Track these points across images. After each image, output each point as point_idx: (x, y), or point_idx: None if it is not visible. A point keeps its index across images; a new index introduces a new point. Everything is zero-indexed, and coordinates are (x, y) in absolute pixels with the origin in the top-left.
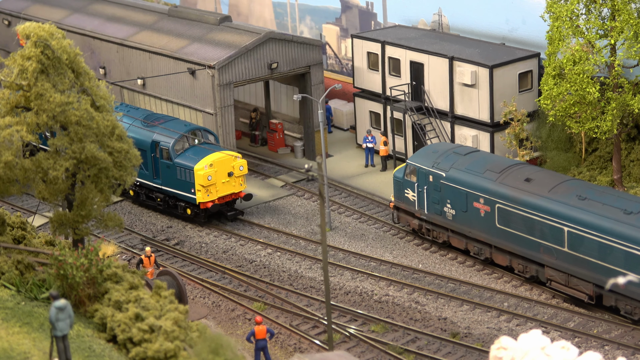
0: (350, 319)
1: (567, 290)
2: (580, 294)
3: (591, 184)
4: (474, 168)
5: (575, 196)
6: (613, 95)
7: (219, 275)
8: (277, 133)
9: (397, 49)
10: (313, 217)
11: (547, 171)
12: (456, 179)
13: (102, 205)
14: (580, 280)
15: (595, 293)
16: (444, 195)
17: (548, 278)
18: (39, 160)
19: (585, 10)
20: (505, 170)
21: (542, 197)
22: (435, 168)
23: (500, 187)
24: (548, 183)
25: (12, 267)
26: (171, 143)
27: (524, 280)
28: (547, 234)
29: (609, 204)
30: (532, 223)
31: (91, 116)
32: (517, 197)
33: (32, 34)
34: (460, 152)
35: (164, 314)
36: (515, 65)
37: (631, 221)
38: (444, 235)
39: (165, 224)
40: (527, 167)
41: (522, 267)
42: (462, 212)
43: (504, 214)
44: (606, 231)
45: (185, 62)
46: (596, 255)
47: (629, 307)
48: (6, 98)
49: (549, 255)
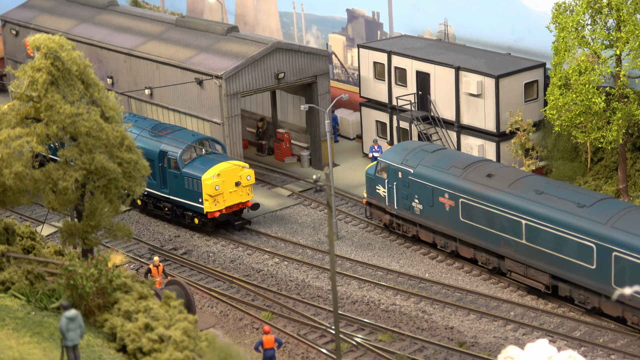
0: (357, 328)
1: (525, 280)
2: (537, 284)
3: (549, 179)
4: (440, 165)
5: (533, 190)
6: (619, 106)
7: (226, 285)
8: (284, 142)
9: (403, 59)
10: (320, 226)
11: (508, 167)
12: (423, 175)
13: (112, 215)
14: (537, 271)
15: (551, 283)
16: (412, 191)
17: (508, 269)
18: (49, 171)
19: (590, 21)
20: (468, 167)
21: (501, 192)
22: (404, 165)
23: (464, 182)
24: (508, 178)
25: (22, 277)
26: (179, 153)
27: (525, 288)
28: (507, 227)
29: (564, 198)
30: (492, 217)
31: (101, 127)
32: (478, 191)
33: (42, 46)
34: (428, 150)
35: (174, 323)
36: (521, 75)
37: (584, 214)
38: (412, 229)
39: (172, 234)
40: (489, 164)
41: (485, 260)
42: (429, 207)
43: (467, 208)
44: (560, 223)
45: (193, 72)
46: (552, 246)
47: (582, 297)
48: (16, 109)
49: (509, 247)
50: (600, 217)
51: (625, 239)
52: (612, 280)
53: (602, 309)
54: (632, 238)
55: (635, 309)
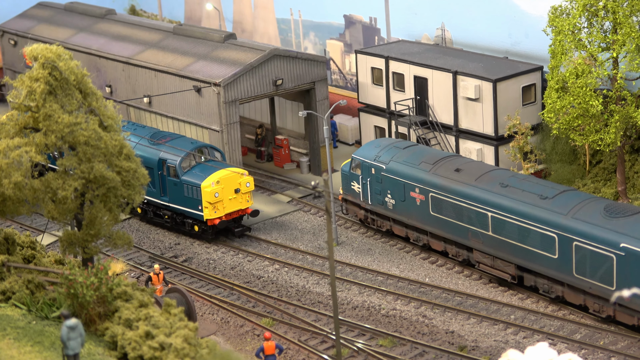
0: (358, 334)
1: (492, 271)
2: (504, 275)
3: (514, 173)
4: (411, 160)
5: (498, 184)
6: (616, 108)
7: (227, 292)
8: (283, 149)
9: (401, 64)
10: (320, 232)
11: (476, 162)
12: (395, 170)
13: (111, 224)
14: (503, 262)
15: (517, 274)
16: (384, 187)
17: (477, 261)
18: (48, 181)
19: (587, 24)
20: (438, 162)
21: (469, 186)
22: (377, 161)
23: (433, 177)
24: (475, 173)
25: (22, 286)
26: (178, 161)
27: (529, 293)
28: (474, 219)
29: (527, 190)
30: (460, 210)
31: (99, 136)
32: (447, 186)
33: (39, 56)
34: (399, 146)
35: (174, 331)
36: (518, 78)
37: (546, 205)
38: (386, 224)
39: (173, 241)
40: (458, 159)
41: (455, 252)
42: (401, 202)
43: (436, 202)
44: (524, 215)
45: (191, 80)
46: (516, 237)
47: (546, 286)
48: (15, 119)
49: (477, 239)
50: (561, 208)
51: (585, 228)
52: (574, 269)
53: (565, 297)
54: (591, 228)
55: (596, 297)
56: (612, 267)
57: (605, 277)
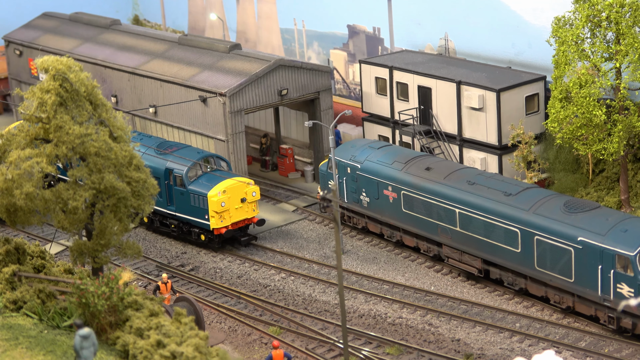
0: (364, 342)
1: (460, 265)
2: (471, 269)
3: (481, 171)
4: (384, 160)
5: (466, 182)
6: (619, 118)
7: (234, 300)
8: (288, 158)
9: (405, 74)
10: (325, 240)
11: (445, 161)
12: (369, 169)
13: (121, 234)
14: (470, 256)
15: (483, 267)
16: (360, 185)
17: (446, 256)
18: (59, 191)
19: (590, 35)
20: (410, 161)
21: (438, 183)
22: (352, 161)
23: (405, 175)
24: (444, 171)
25: (33, 296)
26: (184, 170)
27: (534, 301)
28: (443, 216)
29: (492, 188)
30: (430, 207)
31: (109, 147)
32: (417, 183)
33: (50, 68)
34: (374, 146)
35: (185, 340)
36: (521, 88)
37: (509, 202)
38: (362, 221)
39: (179, 250)
40: (429, 158)
41: (426, 247)
42: (375, 200)
43: (408, 199)
44: (489, 211)
45: (197, 90)
46: (482, 233)
47: (510, 279)
48: (25, 130)
49: (446, 235)
50: (523, 204)
51: (545, 223)
52: (535, 262)
53: (528, 289)
54: (551, 223)
55: (556, 289)
56: (571, 260)
57: (564, 269)
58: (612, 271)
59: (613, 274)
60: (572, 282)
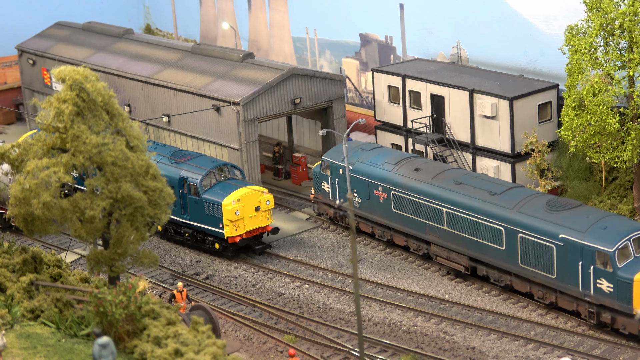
0: (380, 350)
1: (448, 263)
2: (458, 266)
3: (469, 172)
4: (375, 161)
5: (453, 182)
6: (633, 126)
7: (249, 309)
8: (300, 166)
9: (418, 83)
10: (339, 249)
11: (434, 162)
12: (361, 170)
13: (138, 243)
14: (458, 254)
15: (470, 265)
16: (351, 186)
17: (434, 254)
18: (76, 200)
19: (603, 43)
20: (399, 162)
21: (426, 184)
22: (344, 162)
23: (395, 176)
24: (432, 171)
25: (51, 304)
26: (199, 179)
27: (544, 306)
28: (431, 215)
29: (478, 187)
30: (419, 206)
31: (126, 156)
32: (407, 184)
33: (67, 78)
34: (365, 148)
35: (203, 348)
36: (534, 96)
37: (494, 201)
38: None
39: (194, 259)
40: (418, 159)
41: (416, 246)
42: (366, 200)
43: (397, 199)
44: (475, 210)
45: (210, 99)
46: (469, 231)
47: (496, 276)
48: (42, 140)
49: (434, 233)
50: (508, 203)
51: (528, 221)
52: (519, 259)
53: (513, 285)
54: (534, 220)
55: (540, 285)
56: (553, 256)
57: (547, 266)
58: (592, 267)
59: (593, 269)
60: (555, 278)
